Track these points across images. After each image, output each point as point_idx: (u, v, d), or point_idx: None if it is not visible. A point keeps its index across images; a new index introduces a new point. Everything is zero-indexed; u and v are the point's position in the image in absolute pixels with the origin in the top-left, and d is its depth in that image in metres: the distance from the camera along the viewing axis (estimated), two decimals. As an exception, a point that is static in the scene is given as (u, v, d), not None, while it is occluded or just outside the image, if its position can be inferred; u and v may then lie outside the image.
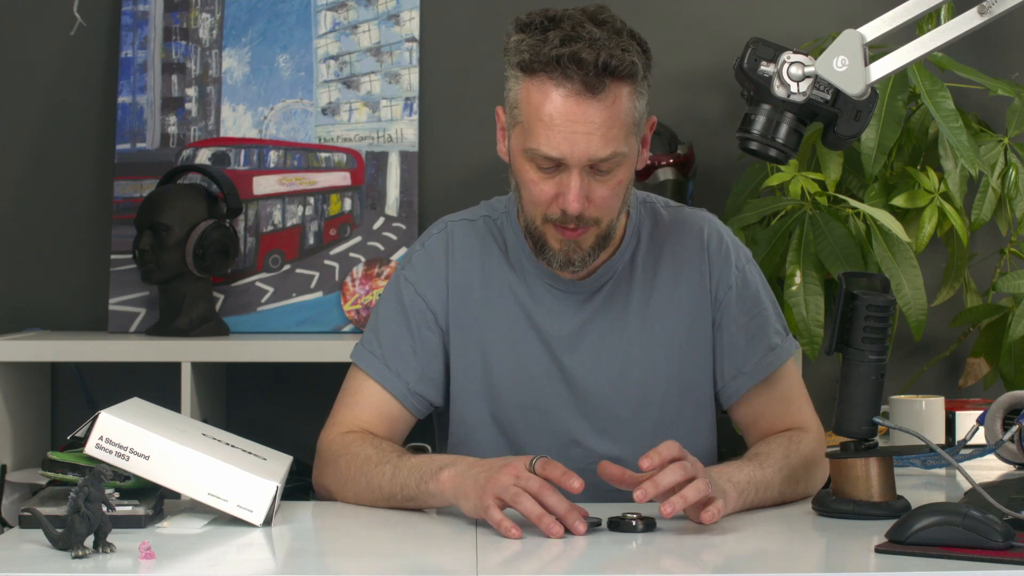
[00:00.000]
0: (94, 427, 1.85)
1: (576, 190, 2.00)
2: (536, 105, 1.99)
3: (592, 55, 1.95)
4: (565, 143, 1.98)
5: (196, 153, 3.26)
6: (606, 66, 1.95)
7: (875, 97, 1.85)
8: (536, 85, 1.99)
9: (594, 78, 1.95)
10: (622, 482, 1.91)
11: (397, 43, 3.29)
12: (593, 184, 2.01)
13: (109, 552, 1.70)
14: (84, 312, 3.30)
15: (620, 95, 1.98)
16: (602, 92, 1.96)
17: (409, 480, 1.98)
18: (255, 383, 3.30)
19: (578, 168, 1.99)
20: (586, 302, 2.16)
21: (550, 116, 1.97)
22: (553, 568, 1.74)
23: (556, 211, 2.03)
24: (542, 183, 2.02)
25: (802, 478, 2.08)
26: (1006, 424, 2.28)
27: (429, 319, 2.16)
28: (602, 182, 2.02)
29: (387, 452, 2.05)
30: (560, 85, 1.97)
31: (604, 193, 2.02)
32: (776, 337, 2.18)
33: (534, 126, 1.99)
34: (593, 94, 1.96)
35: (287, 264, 3.24)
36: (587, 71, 1.95)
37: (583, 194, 2.00)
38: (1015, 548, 1.68)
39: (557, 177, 2.01)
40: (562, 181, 2.01)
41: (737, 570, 1.77)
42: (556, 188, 2.02)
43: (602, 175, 2.01)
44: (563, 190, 2.01)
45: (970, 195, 3.10)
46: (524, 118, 2.01)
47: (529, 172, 2.03)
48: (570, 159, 1.98)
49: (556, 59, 1.95)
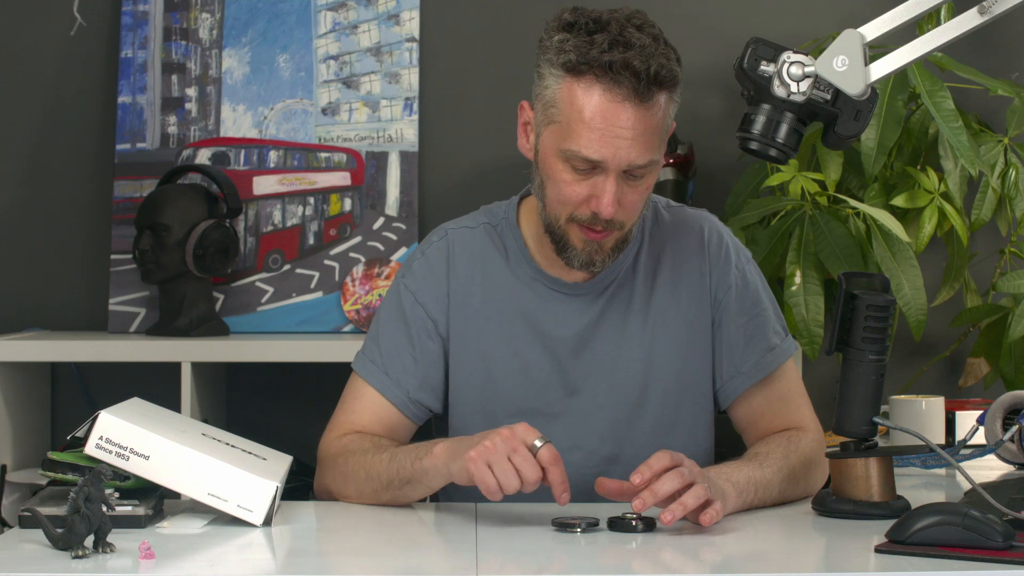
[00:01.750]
0: (94, 427, 1.85)
1: (611, 195, 1.99)
2: (580, 107, 1.98)
3: (643, 64, 1.95)
4: (608, 148, 1.97)
5: (196, 153, 3.26)
6: (656, 75, 1.96)
7: (875, 97, 1.85)
8: (582, 87, 1.98)
9: (644, 87, 1.96)
10: (622, 494, 1.91)
11: (397, 43, 3.29)
12: (625, 189, 2.02)
13: (109, 552, 1.70)
14: (84, 312, 3.30)
15: (661, 103, 1.99)
16: (649, 100, 1.97)
17: (405, 461, 1.99)
18: (255, 383, 3.30)
19: (615, 173, 1.99)
20: (590, 305, 2.16)
21: (593, 119, 1.97)
22: (553, 568, 1.74)
23: (586, 212, 2.03)
24: (575, 184, 2.02)
25: (802, 478, 2.08)
26: (1006, 424, 2.28)
27: (429, 327, 2.16)
28: (634, 187, 2.02)
29: (385, 444, 2.07)
30: (609, 90, 1.96)
31: (634, 198, 2.03)
32: (775, 337, 2.18)
33: (575, 127, 1.98)
34: (641, 101, 1.96)
35: (287, 264, 3.25)
36: (639, 79, 1.95)
37: (617, 199, 2.00)
38: (1015, 548, 1.68)
39: (591, 180, 2.01)
40: (596, 184, 2.01)
41: (737, 570, 1.77)
42: (589, 190, 2.01)
43: (634, 180, 2.02)
44: (597, 193, 2.00)
45: (970, 195, 3.10)
46: (563, 118, 2.00)
47: (562, 172, 2.02)
48: (610, 164, 1.98)
49: (609, 64, 1.95)
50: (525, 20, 3.29)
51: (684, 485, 1.84)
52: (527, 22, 3.29)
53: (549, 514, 1.89)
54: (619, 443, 2.15)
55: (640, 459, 1.88)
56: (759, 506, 2.01)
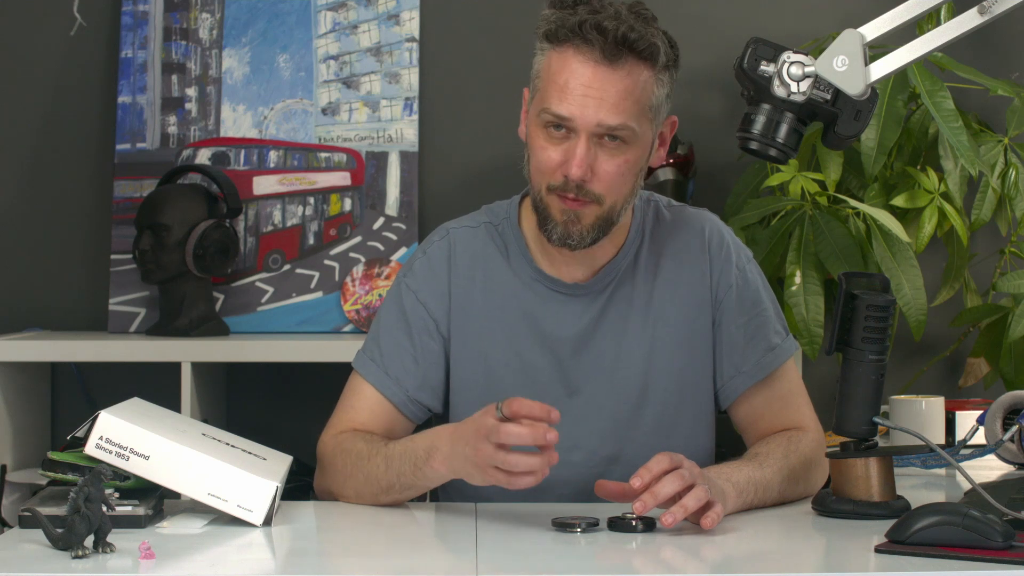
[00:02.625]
0: (94, 427, 1.85)
1: (581, 156, 2.01)
2: (555, 71, 2.02)
3: (613, 25, 1.99)
4: (575, 105, 2.00)
5: (196, 153, 3.26)
6: (625, 38, 1.99)
7: (875, 97, 1.85)
8: (558, 53, 2.03)
9: (612, 46, 1.99)
10: (622, 497, 1.91)
11: (397, 43, 3.29)
12: (600, 155, 2.02)
13: (109, 552, 1.70)
14: (84, 312, 3.29)
15: (638, 73, 2.01)
16: (619, 62, 2.00)
17: (403, 468, 1.99)
18: (255, 383, 3.30)
19: (586, 133, 2.01)
20: (590, 305, 2.15)
21: (566, 80, 2.01)
22: (553, 568, 1.73)
23: (559, 178, 2.04)
24: (550, 149, 2.04)
25: (802, 478, 2.08)
26: (1006, 424, 2.28)
27: (430, 327, 2.16)
28: (610, 156, 2.03)
29: (375, 443, 2.06)
30: (579, 51, 2.00)
31: (609, 168, 2.03)
32: (776, 337, 2.18)
33: (549, 89, 2.02)
34: (610, 63, 2.00)
35: (287, 264, 3.24)
36: (606, 38, 1.98)
37: (588, 163, 2.02)
38: (1015, 548, 1.68)
39: (565, 145, 2.03)
40: (569, 149, 2.03)
41: (737, 570, 1.77)
42: (563, 156, 2.03)
43: (612, 150, 2.02)
44: (568, 156, 2.02)
45: (970, 195, 3.10)
46: (542, 84, 2.04)
47: (539, 139, 2.05)
48: (579, 121, 2.00)
49: (579, 25, 2.00)
50: (525, 20, 3.27)
51: (684, 487, 1.84)
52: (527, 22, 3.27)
53: (549, 514, 1.89)
54: (620, 443, 2.15)
55: (641, 459, 1.88)
56: (759, 506, 2.01)
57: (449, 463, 1.93)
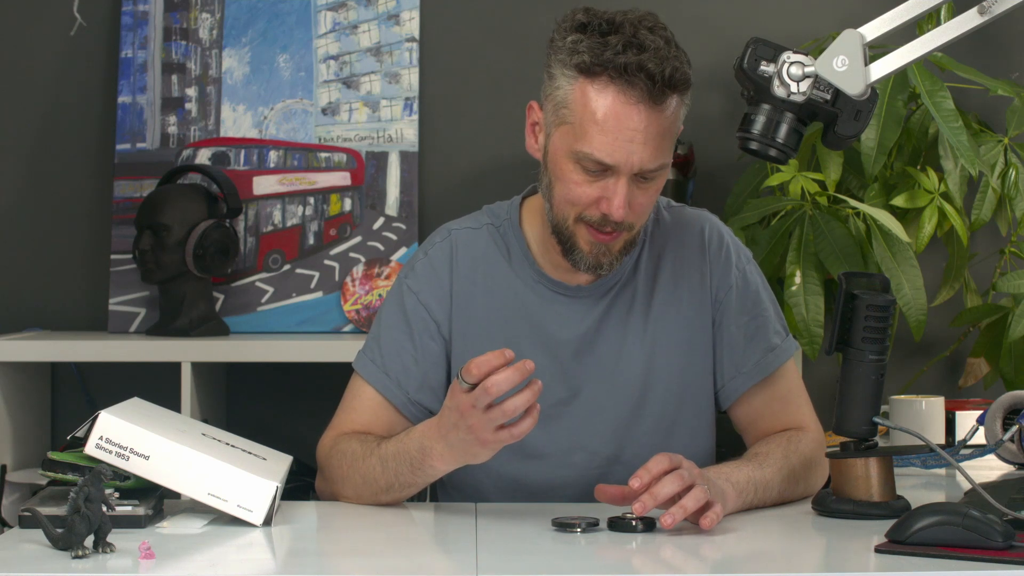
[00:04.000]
0: (94, 427, 1.85)
1: (623, 197, 1.99)
2: (593, 109, 1.97)
3: (658, 66, 1.95)
4: (620, 151, 1.97)
5: (196, 153, 3.26)
6: (671, 79, 1.96)
7: (875, 97, 1.85)
8: (596, 89, 1.97)
9: (658, 90, 1.95)
10: (623, 499, 1.91)
11: (397, 43, 3.29)
12: (636, 192, 2.01)
13: (109, 552, 1.70)
14: (84, 312, 3.29)
15: (673, 106, 1.99)
16: (663, 103, 1.97)
17: (401, 469, 1.99)
18: (255, 383, 3.30)
19: (627, 176, 1.99)
20: (592, 307, 2.15)
21: (607, 121, 1.96)
22: (553, 568, 1.73)
23: (595, 214, 2.02)
24: (585, 185, 2.01)
25: (801, 478, 2.08)
26: (1006, 424, 2.28)
27: (432, 328, 2.16)
28: (644, 190, 2.02)
29: (369, 444, 2.06)
30: (623, 92, 1.96)
31: (643, 200, 2.03)
32: (776, 337, 2.18)
33: (588, 129, 1.98)
34: (655, 104, 1.96)
35: (287, 264, 3.24)
36: (654, 81, 1.95)
37: (628, 201, 2.00)
38: (1015, 548, 1.68)
39: (602, 182, 2.00)
40: (607, 187, 2.00)
41: (737, 570, 1.77)
42: (599, 192, 2.01)
43: (645, 183, 2.01)
44: (608, 195, 2.00)
45: (970, 195, 3.10)
46: (575, 119, 1.99)
47: (572, 173, 2.02)
48: (622, 167, 1.98)
49: (624, 67, 1.95)
50: (525, 20, 3.29)
51: (684, 487, 1.84)
52: (527, 22, 3.29)
53: (549, 514, 1.90)
54: (620, 444, 2.15)
55: (641, 460, 1.88)
56: (759, 506, 2.01)
57: (447, 457, 1.93)
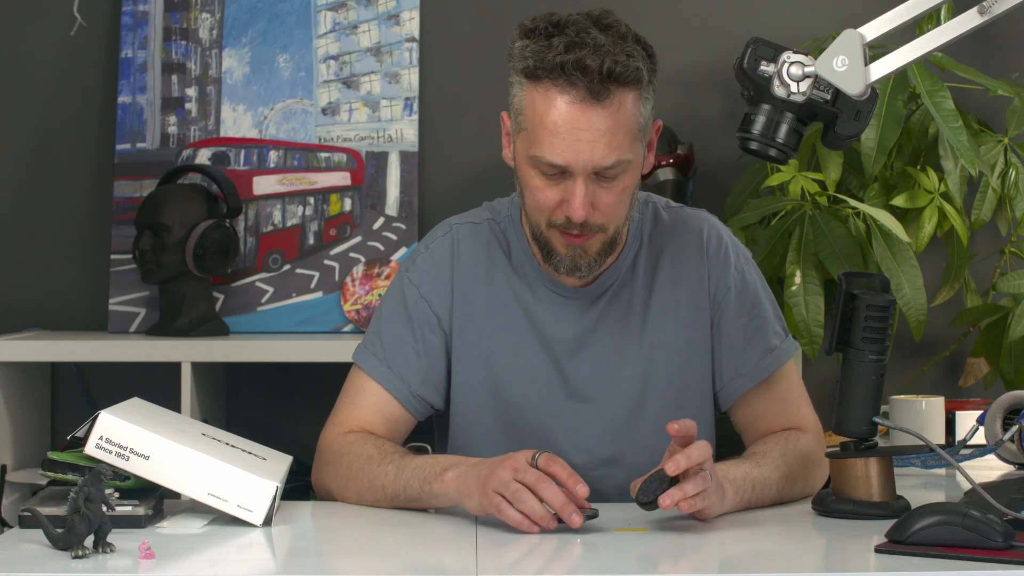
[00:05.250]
0: (94, 427, 1.85)
1: (581, 198, 1.98)
2: (541, 112, 1.97)
3: (596, 62, 1.93)
4: (569, 151, 1.97)
5: (196, 153, 3.26)
6: (611, 73, 1.94)
7: (875, 97, 1.85)
8: (540, 92, 1.97)
9: (598, 85, 1.94)
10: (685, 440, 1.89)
11: (397, 43, 3.29)
12: (599, 191, 2.00)
13: (109, 552, 1.70)
14: (84, 312, 3.30)
15: (625, 101, 1.97)
16: (607, 99, 1.95)
17: (412, 481, 1.98)
18: (255, 383, 3.30)
19: (583, 176, 1.98)
20: (590, 307, 2.15)
21: (554, 123, 1.96)
22: (553, 568, 1.73)
23: (561, 217, 2.02)
24: (547, 190, 2.01)
25: (800, 477, 2.07)
26: (1006, 424, 2.28)
27: (433, 322, 2.16)
28: (608, 189, 2.01)
29: (389, 452, 2.05)
30: (564, 92, 1.95)
31: (610, 200, 2.01)
32: (775, 338, 2.18)
33: (538, 133, 1.98)
34: (598, 101, 1.95)
35: (287, 264, 3.25)
36: (591, 78, 1.93)
37: (588, 201, 1.99)
38: (1015, 548, 1.68)
39: (562, 184, 2.00)
40: (567, 188, 2.00)
41: (737, 570, 1.77)
42: (561, 194, 2.01)
43: (607, 182, 2.00)
44: (568, 197, 2.00)
45: (970, 195, 3.10)
46: (529, 124, 2.00)
47: (534, 178, 2.02)
48: (575, 167, 1.98)
49: (560, 66, 1.94)
50: (525, 20, 3.29)
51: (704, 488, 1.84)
52: (527, 22, 3.29)
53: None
54: (619, 445, 2.14)
55: (641, 461, 1.90)
56: (758, 505, 2.00)
57: (460, 480, 1.92)
